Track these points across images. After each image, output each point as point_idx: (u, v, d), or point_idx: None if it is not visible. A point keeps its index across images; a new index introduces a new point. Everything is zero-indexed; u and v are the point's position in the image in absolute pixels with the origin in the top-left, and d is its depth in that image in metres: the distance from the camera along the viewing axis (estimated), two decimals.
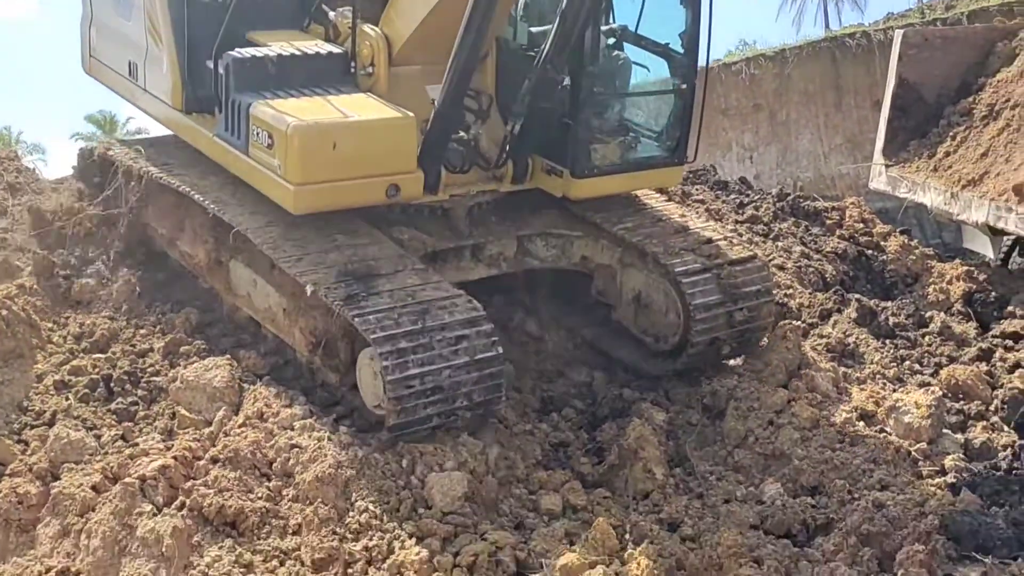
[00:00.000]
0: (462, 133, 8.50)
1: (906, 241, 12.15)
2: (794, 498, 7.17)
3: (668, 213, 9.50)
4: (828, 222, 12.30)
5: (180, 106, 9.03)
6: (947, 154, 11.61)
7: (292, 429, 7.17)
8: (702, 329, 8.46)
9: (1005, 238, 11.05)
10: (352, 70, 8.38)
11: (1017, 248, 11.15)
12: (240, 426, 7.33)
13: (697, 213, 10.60)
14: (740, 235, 10.61)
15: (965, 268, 10.93)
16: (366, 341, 7.06)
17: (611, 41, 8.76)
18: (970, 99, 11.87)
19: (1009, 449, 7.82)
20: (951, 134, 11.74)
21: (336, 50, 8.48)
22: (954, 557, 6.57)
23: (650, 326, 8.92)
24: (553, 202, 9.04)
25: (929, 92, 12.30)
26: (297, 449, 6.93)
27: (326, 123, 7.66)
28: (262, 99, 7.93)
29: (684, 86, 8.97)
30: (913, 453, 7.78)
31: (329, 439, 6.96)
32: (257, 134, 7.86)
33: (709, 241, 8.92)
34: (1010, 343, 9.51)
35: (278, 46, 8.38)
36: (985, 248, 11.39)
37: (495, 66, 8.83)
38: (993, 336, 9.76)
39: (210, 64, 8.45)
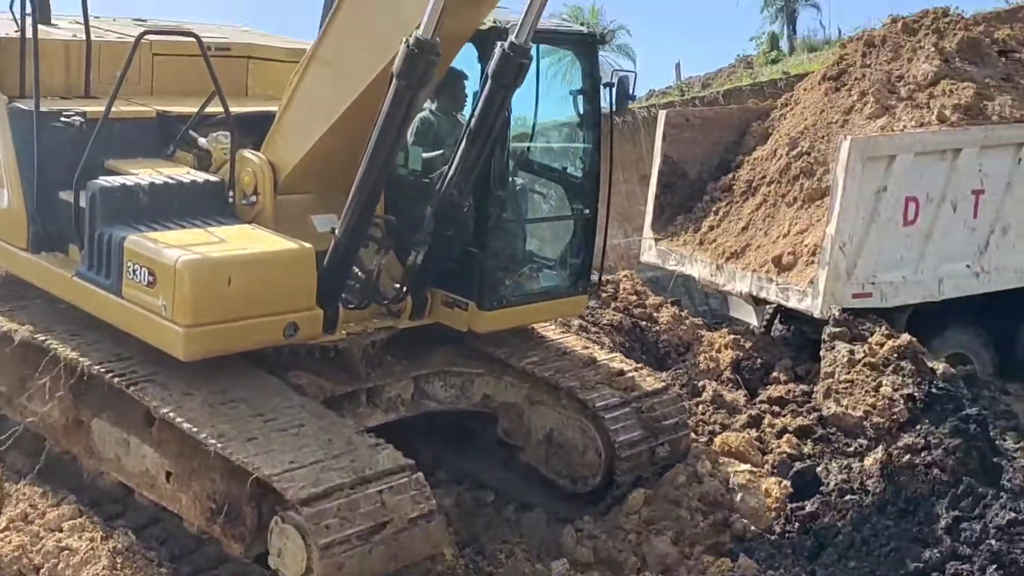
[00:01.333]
0: (360, 266, 7.71)
1: (677, 312, 12.62)
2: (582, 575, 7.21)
3: (567, 343, 9.06)
4: (604, 295, 12.62)
5: (25, 244, 7.89)
6: (711, 228, 12.22)
7: (61, 531, 6.77)
8: (627, 468, 7.99)
9: (767, 307, 11.59)
10: (231, 199, 7.60)
11: (778, 316, 11.71)
12: (3, 530, 6.90)
13: (593, 340, 10.20)
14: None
15: (732, 336, 11.38)
16: (285, 502, 6.14)
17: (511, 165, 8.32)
18: (730, 176, 12.55)
19: (781, 514, 8.12)
20: (714, 209, 12.38)
21: (212, 178, 7.68)
22: None
23: (565, 467, 8.33)
24: (448, 337, 8.40)
25: (692, 169, 12.95)
26: (67, 552, 6.53)
27: (219, 257, 6.77)
28: (136, 232, 7.02)
29: (587, 211, 8.62)
30: None
31: (103, 540, 6.57)
32: (134, 271, 6.87)
33: (621, 373, 8.53)
34: (776, 408, 9.94)
35: (147, 174, 7.53)
36: (749, 316, 11.92)
37: (384, 200, 7.98)
38: (760, 402, 10.17)
39: (64, 196, 7.55)
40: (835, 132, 11.75)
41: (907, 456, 8.22)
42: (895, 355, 9.52)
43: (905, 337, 9.76)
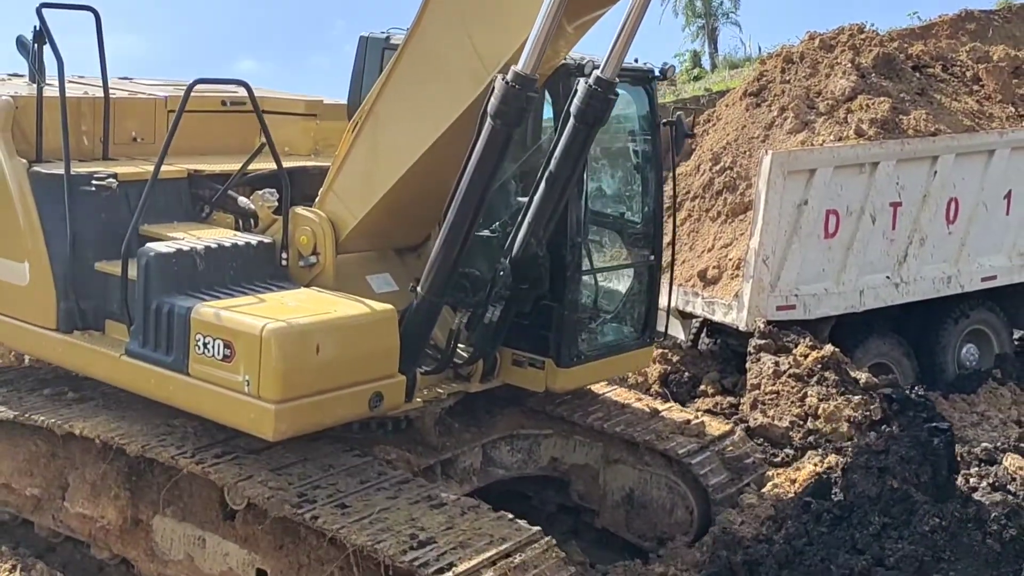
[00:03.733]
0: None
1: None
2: None
3: (619, 397, 8.63)
4: None
5: (54, 324, 7.06)
6: None
7: None
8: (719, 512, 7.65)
9: (694, 320, 11.71)
10: (284, 262, 6.96)
11: (705, 329, 11.84)
12: None
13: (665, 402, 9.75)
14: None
15: (660, 351, 11.48)
16: None
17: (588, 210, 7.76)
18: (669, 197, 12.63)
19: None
20: None
21: (264, 240, 6.99)
22: None
23: (650, 528, 7.90)
24: (508, 398, 7.95)
25: None
26: None
27: (307, 323, 6.11)
28: (200, 301, 6.33)
29: (652, 257, 8.11)
30: None
31: None
32: (205, 345, 6.15)
33: (687, 421, 8.25)
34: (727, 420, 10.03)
35: (194, 239, 6.83)
36: (677, 331, 12.04)
37: None
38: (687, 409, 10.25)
39: (101, 267, 6.95)
40: (756, 147, 11.94)
41: (864, 458, 8.22)
42: (819, 366, 9.69)
43: (828, 348, 9.93)
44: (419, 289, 6.67)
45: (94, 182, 6.85)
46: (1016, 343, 13.34)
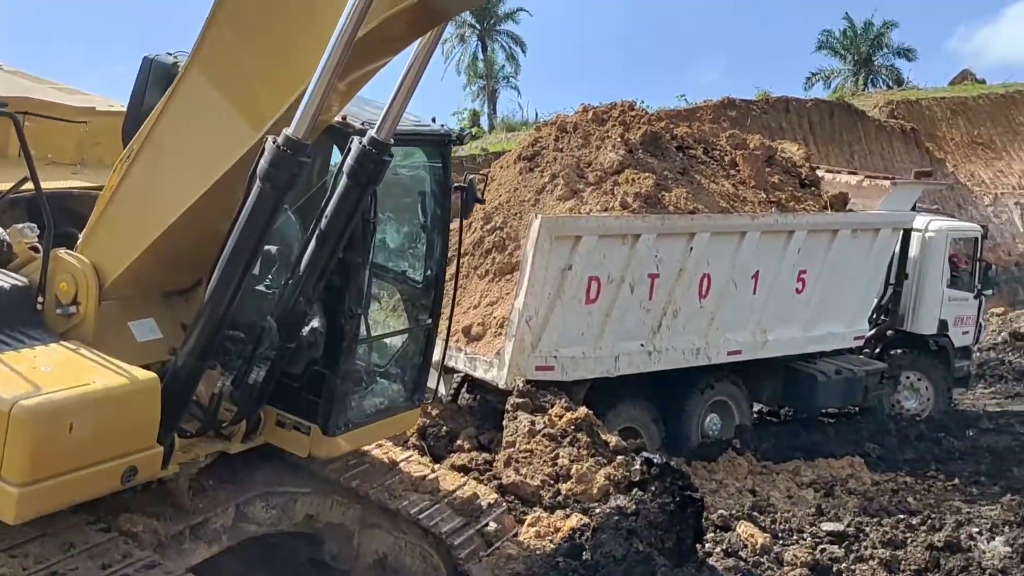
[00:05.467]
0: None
1: None
2: None
3: (382, 455, 8.41)
4: None
5: None
6: None
7: None
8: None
9: (455, 375, 11.79)
10: (39, 306, 6.28)
11: (465, 385, 11.93)
12: None
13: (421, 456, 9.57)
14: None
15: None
16: None
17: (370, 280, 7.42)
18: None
19: None
20: None
21: (18, 281, 6.31)
22: None
23: None
24: (269, 453, 7.50)
25: None
26: None
27: (61, 400, 5.52)
28: None
29: (429, 321, 7.94)
30: None
31: None
32: None
33: (451, 491, 8.05)
34: (464, 475, 10.06)
35: None
36: (437, 385, 12.07)
37: None
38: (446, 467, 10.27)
39: None
40: (527, 210, 12.21)
41: (614, 519, 8.37)
42: (572, 427, 9.91)
43: (582, 410, 10.18)
44: (180, 352, 6.27)
45: None
46: (755, 415, 14.10)
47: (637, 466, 9.29)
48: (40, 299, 6.33)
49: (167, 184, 6.34)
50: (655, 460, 9.26)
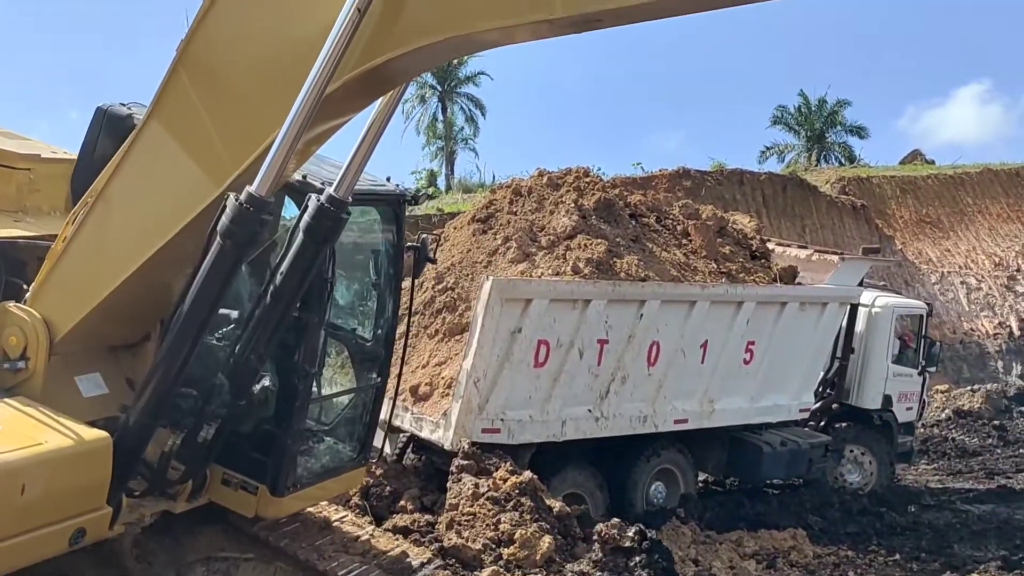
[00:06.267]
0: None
1: None
2: None
3: (324, 516, 8.33)
4: None
5: None
6: None
7: None
8: None
9: (401, 435, 11.71)
10: None
11: (411, 445, 11.84)
12: None
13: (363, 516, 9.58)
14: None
15: None
16: None
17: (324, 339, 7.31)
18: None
19: None
20: None
21: None
22: None
23: None
24: (212, 517, 7.45)
25: None
26: None
27: (14, 461, 5.44)
28: None
29: (379, 379, 7.95)
30: None
31: None
32: None
33: (396, 558, 7.98)
34: (400, 537, 9.94)
35: None
36: (383, 444, 11.96)
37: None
38: (385, 529, 10.15)
39: None
40: (479, 271, 12.24)
41: None
42: (517, 491, 9.85)
43: (527, 474, 10.13)
44: (132, 410, 6.18)
45: None
46: (700, 485, 14.11)
47: (630, 533, 9.25)
48: None
49: (122, 238, 6.27)
50: (649, 534, 9.24)
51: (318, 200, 6.15)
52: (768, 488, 15.02)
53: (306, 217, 6.18)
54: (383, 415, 10.64)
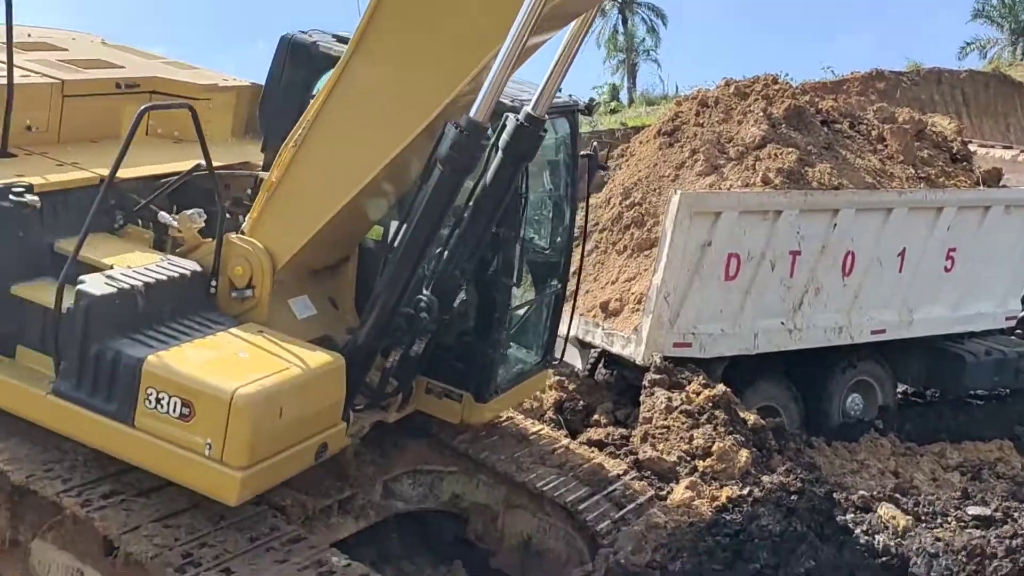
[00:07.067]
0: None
1: None
2: None
3: (523, 431, 8.52)
4: None
5: None
6: None
7: None
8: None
9: (592, 351, 11.85)
10: (212, 290, 6.51)
11: (603, 360, 11.99)
12: None
13: (558, 430, 9.76)
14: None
15: (557, 378, 11.59)
16: None
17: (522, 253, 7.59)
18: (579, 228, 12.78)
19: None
20: None
21: (196, 267, 6.47)
22: None
23: None
24: (417, 431, 7.86)
25: None
26: None
27: (273, 386, 5.83)
28: (145, 347, 5.89)
29: (559, 286, 8.20)
30: None
31: None
32: (157, 400, 5.77)
33: (595, 470, 8.16)
34: (595, 450, 10.14)
35: (124, 268, 6.22)
36: (575, 360, 12.17)
37: (356, 275, 7.33)
38: (580, 443, 10.36)
39: (18, 291, 6.35)
40: (666, 186, 12.16)
41: (776, 495, 8.35)
42: (710, 404, 9.88)
43: (720, 387, 10.13)
44: (359, 332, 6.56)
45: (12, 198, 6.28)
46: (899, 396, 13.78)
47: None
48: (213, 283, 6.55)
49: (343, 164, 6.47)
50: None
51: (516, 119, 6.31)
52: (971, 399, 14.52)
53: (505, 136, 6.35)
54: (562, 328, 10.88)
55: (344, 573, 6.14)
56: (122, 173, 6.73)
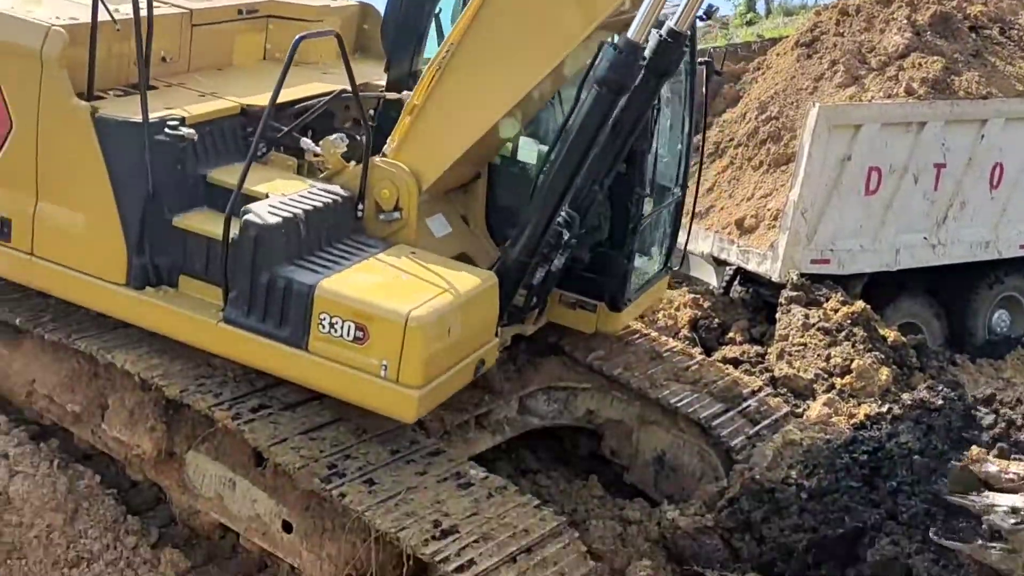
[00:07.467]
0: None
1: None
2: None
3: (658, 347, 8.62)
4: None
5: (123, 279, 6.59)
6: None
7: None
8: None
9: (727, 268, 11.74)
10: (359, 214, 6.64)
11: (738, 278, 11.88)
12: None
13: (693, 347, 9.77)
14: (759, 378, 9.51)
15: (692, 296, 11.53)
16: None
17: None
18: (698, 137, 12.60)
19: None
20: None
21: (345, 192, 6.59)
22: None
23: (677, 491, 7.85)
24: (550, 349, 8.06)
25: None
26: None
27: (443, 307, 6.03)
28: (313, 274, 6.10)
29: (679, 193, 8.33)
30: None
31: None
32: (331, 325, 5.96)
33: (728, 385, 8.27)
34: (730, 367, 10.11)
35: (280, 196, 6.40)
36: (709, 277, 12.07)
37: (487, 193, 7.46)
38: (715, 361, 10.35)
39: (180, 222, 6.53)
40: (804, 99, 11.86)
41: (916, 411, 8.12)
42: (848, 321, 9.74)
43: (859, 304, 9.97)
44: (512, 249, 6.72)
45: (168, 131, 6.39)
46: None
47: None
48: (360, 207, 6.66)
49: (486, 90, 6.51)
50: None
51: (659, 35, 6.27)
52: None
53: (647, 52, 6.31)
54: (710, 249, 10.80)
55: (482, 485, 6.33)
56: (253, 100, 6.99)
